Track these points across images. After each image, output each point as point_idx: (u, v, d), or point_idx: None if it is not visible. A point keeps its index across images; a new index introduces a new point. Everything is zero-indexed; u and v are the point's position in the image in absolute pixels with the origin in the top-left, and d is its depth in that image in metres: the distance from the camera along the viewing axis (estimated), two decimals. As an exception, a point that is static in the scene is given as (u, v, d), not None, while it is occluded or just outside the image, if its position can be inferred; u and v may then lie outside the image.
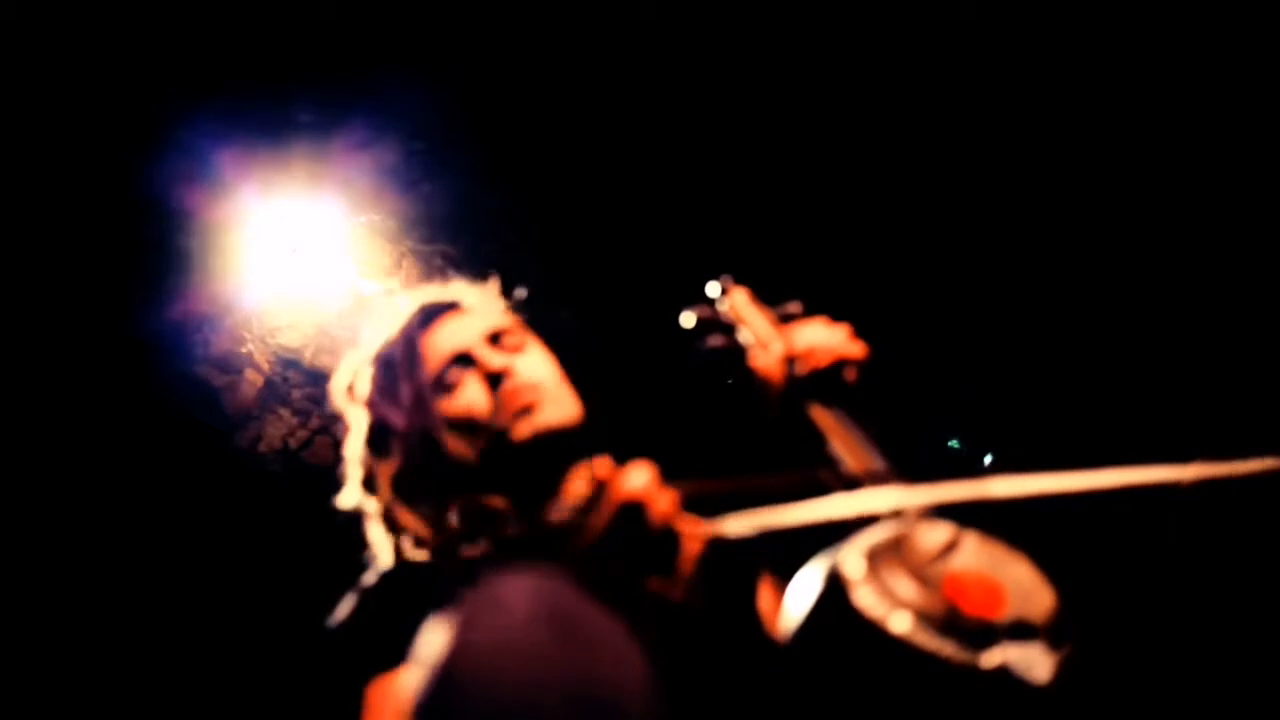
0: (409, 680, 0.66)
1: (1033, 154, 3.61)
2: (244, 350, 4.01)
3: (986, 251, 4.00)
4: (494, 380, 1.22)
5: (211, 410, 3.94)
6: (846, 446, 0.82)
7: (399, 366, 1.27)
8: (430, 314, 1.32)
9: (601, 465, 0.72)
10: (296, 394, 4.15)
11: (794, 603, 0.62)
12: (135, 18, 2.98)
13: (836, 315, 0.98)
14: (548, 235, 4.08)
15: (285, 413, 4.11)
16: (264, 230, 3.88)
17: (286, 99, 3.47)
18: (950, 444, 4.34)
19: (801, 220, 3.98)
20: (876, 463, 0.80)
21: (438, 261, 4.26)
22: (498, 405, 1.20)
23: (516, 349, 1.28)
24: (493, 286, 1.38)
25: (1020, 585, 0.61)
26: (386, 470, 1.21)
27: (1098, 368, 4.13)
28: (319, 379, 4.17)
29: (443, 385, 1.24)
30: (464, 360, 1.25)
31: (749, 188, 3.91)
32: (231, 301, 3.94)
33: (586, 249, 4.08)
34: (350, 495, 1.27)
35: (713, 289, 1.05)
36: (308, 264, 4.05)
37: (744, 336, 0.99)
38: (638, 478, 0.71)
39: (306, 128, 3.56)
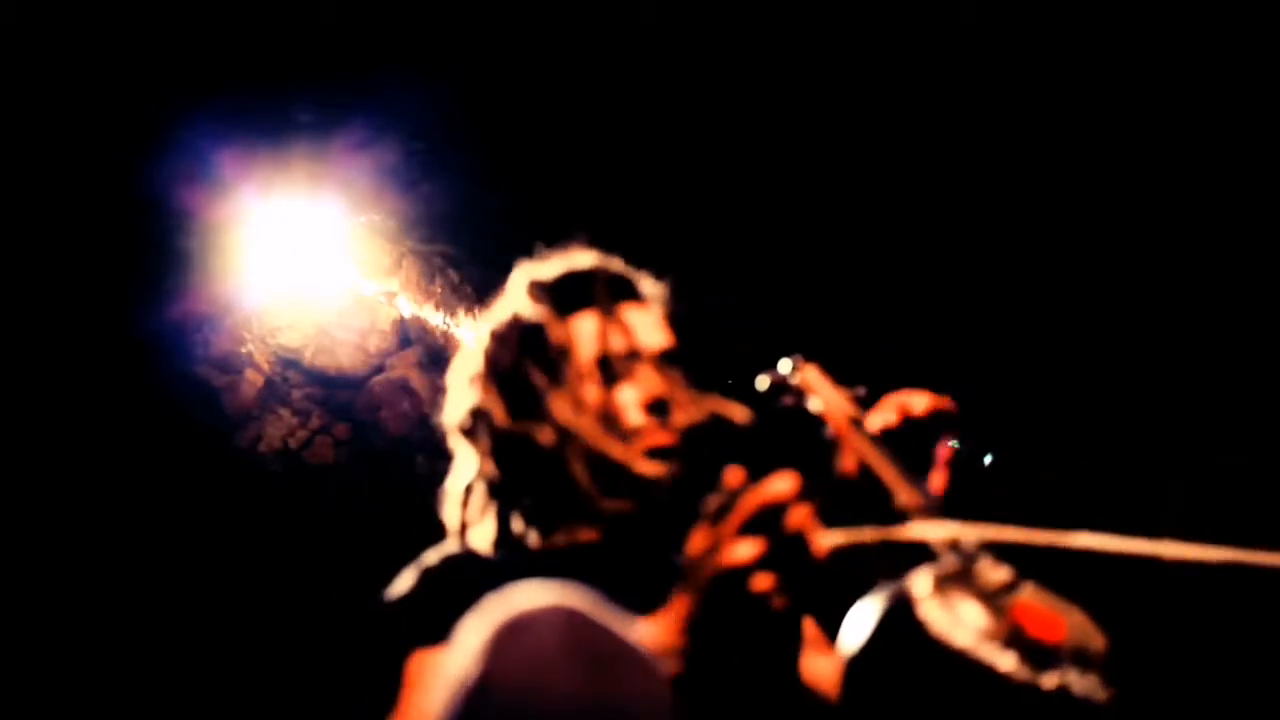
0: (435, 691, 0.67)
1: (1032, 155, 3.61)
2: (244, 350, 4.01)
3: (986, 253, 4.00)
4: (654, 405, 1.13)
5: (211, 410, 3.94)
6: (894, 481, 0.82)
7: (579, 318, 1.18)
8: (618, 286, 1.25)
9: (734, 474, 0.74)
10: (296, 394, 4.15)
11: (857, 619, 0.63)
12: (135, 17, 2.98)
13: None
14: (547, 236, 4.08)
15: (285, 413, 4.11)
16: (264, 230, 3.88)
17: (286, 99, 3.47)
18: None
19: (794, 214, 3.99)
20: (925, 497, 0.81)
21: (438, 261, 4.27)
22: (644, 429, 1.11)
23: (679, 383, 1.18)
24: (665, 290, 1.31)
25: (1077, 626, 0.62)
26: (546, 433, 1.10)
27: (1097, 367, 4.13)
28: (319, 379, 4.18)
29: (607, 369, 1.14)
30: (632, 358, 1.16)
31: (749, 186, 3.91)
32: (231, 301, 3.95)
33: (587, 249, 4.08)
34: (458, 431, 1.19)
35: (785, 365, 1.06)
36: (308, 264, 4.06)
37: (814, 405, 1.00)
38: (782, 483, 0.72)
39: (306, 128, 3.56)
